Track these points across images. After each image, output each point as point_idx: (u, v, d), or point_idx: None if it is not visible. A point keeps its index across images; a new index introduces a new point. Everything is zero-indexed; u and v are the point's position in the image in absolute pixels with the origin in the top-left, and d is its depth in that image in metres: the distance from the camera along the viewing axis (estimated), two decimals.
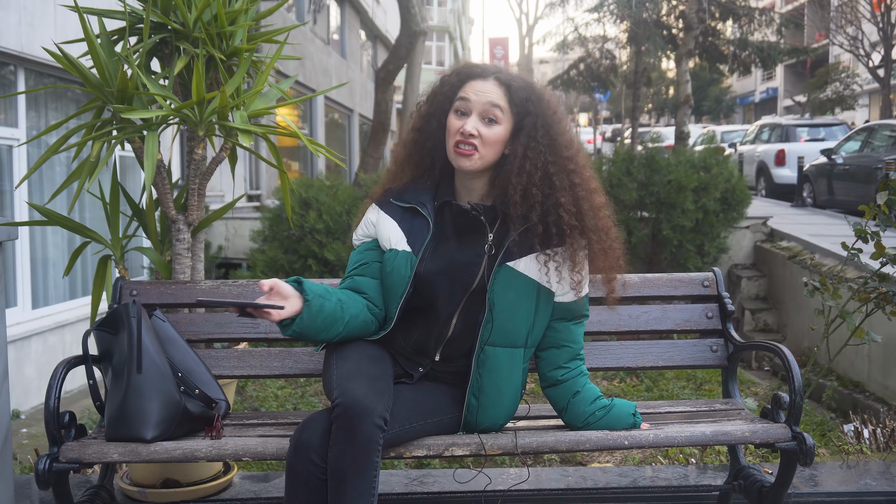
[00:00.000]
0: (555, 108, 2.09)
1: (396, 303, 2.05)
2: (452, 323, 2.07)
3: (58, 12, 6.11)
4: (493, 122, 2.03)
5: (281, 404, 4.98)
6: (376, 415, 1.80)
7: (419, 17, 10.13)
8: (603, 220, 2.08)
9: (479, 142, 2.01)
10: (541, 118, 2.04)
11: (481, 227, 2.07)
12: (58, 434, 1.99)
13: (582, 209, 2.03)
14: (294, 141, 12.48)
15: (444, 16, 34.33)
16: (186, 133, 2.90)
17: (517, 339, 2.06)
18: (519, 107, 2.04)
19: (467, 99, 2.04)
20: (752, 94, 40.51)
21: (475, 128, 2.01)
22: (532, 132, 2.03)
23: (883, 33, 21.36)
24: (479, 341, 2.03)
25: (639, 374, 5.67)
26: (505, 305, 2.02)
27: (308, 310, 1.91)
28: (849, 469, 2.96)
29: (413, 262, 2.04)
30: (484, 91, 2.04)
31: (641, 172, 7.74)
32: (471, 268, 2.05)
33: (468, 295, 2.05)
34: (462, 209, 2.07)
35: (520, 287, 2.03)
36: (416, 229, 2.08)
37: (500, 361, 2.05)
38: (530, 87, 2.07)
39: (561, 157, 2.03)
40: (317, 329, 1.95)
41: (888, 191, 3.82)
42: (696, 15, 13.65)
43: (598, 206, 2.07)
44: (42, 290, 6.25)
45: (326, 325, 1.96)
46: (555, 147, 2.03)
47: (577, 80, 19.31)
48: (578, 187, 2.04)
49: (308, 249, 7.13)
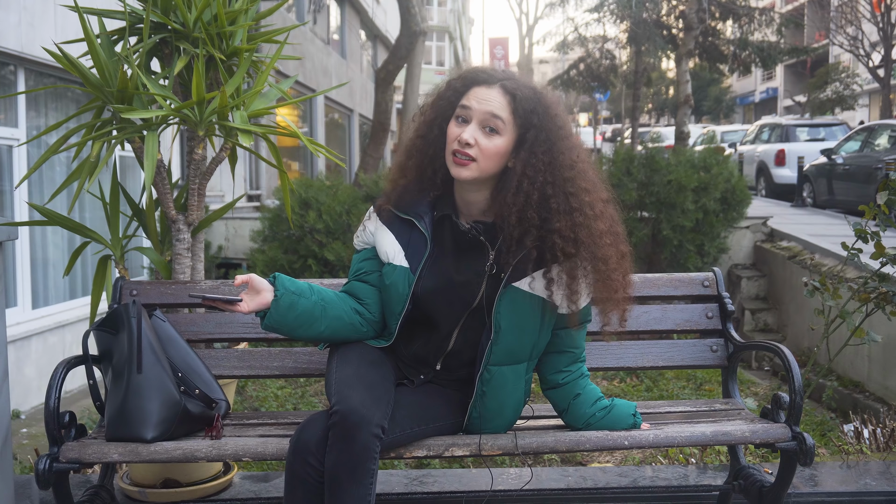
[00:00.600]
0: (562, 123, 1.95)
1: (396, 319, 2.03)
2: (453, 338, 2.05)
3: (58, 12, 6.11)
4: (494, 133, 1.92)
5: (281, 404, 4.98)
6: (373, 423, 1.79)
7: (419, 17, 10.13)
8: (604, 248, 1.92)
9: (477, 152, 1.91)
10: (544, 133, 1.91)
11: (482, 245, 2.00)
12: (58, 434, 1.98)
13: (579, 237, 1.90)
14: (294, 141, 12.48)
15: (444, 16, 34.32)
16: (186, 133, 2.90)
17: (522, 355, 2.03)
18: (523, 118, 1.92)
19: (468, 106, 1.93)
20: (752, 94, 40.51)
21: (473, 137, 1.91)
22: (533, 147, 1.91)
23: (883, 33, 21.36)
24: (483, 363, 1.99)
25: (639, 374, 5.67)
26: (511, 327, 1.97)
27: (276, 305, 1.92)
28: (849, 469, 2.96)
29: (411, 280, 2.00)
30: (486, 99, 1.92)
31: (641, 172, 7.74)
32: (470, 287, 2.00)
33: (468, 312, 2.02)
34: (460, 230, 2.00)
35: (526, 306, 1.97)
36: (414, 243, 2.02)
37: (505, 379, 2.02)
38: (538, 99, 1.94)
39: (561, 178, 1.90)
40: (291, 325, 1.95)
41: (888, 191, 3.82)
42: (696, 15, 13.65)
43: (598, 232, 1.92)
44: (42, 290, 6.25)
45: (302, 323, 1.96)
46: (554, 166, 1.90)
47: (577, 80, 19.32)
48: (577, 212, 1.90)
49: (308, 249, 7.13)
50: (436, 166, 2.01)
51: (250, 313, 1.94)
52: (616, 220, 2.01)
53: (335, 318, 2.00)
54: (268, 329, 1.97)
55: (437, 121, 2.01)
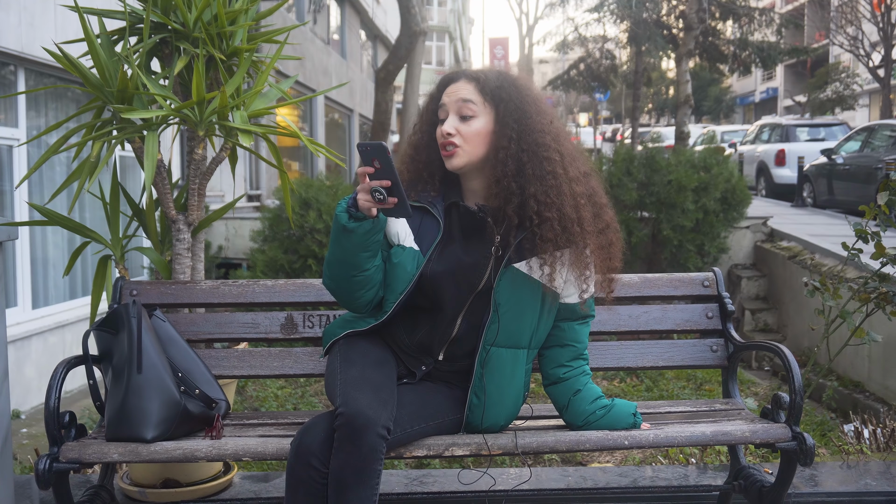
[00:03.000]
0: (531, 93, 2.05)
1: (396, 297, 2.05)
2: (457, 323, 2.06)
3: (58, 12, 6.11)
4: (471, 118, 2.02)
5: (281, 404, 4.98)
6: (380, 425, 1.79)
7: (419, 17, 10.13)
8: (580, 209, 1.99)
9: (459, 139, 2.01)
10: (513, 103, 2.01)
11: (488, 228, 2.05)
12: (58, 434, 1.99)
13: (552, 199, 1.96)
14: (294, 141, 12.48)
15: (444, 16, 34.33)
16: (186, 133, 2.90)
17: (521, 340, 2.05)
18: (492, 95, 2.02)
19: (443, 103, 2.06)
20: (752, 94, 40.51)
21: (453, 127, 2.01)
22: (505, 118, 2.01)
23: (883, 33, 21.35)
24: (482, 341, 2.03)
25: (639, 374, 5.67)
26: (510, 306, 2.02)
27: (376, 222, 1.92)
28: (849, 469, 2.96)
29: (420, 261, 2.03)
30: (455, 91, 2.05)
31: (641, 172, 7.74)
32: (477, 269, 2.04)
33: (474, 296, 2.05)
34: (469, 210, 2.07)
35: (525, 288, 2.02)
36: (426, 228, 2.07)
37: (503, 361, 2.05)
38: (502, 76, 2.06)
39: (534, 143, 1.99)
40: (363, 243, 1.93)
41: (888, 191, 3.82)
42: (696, 15, 13.66)
43: (574, 194, 1.99)
44: (42, 290, 6.25)
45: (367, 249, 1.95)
46: (525, 132, 1.99)
47: (577, 80, 19.34)
48: (550, 175, 1.97)
49: (308, 249, 7.13)
50: (432, 169, 2.10)
51: (370, 208, 1.88)
52: (598, 192, 2.09)
53: (378, 269, 2.02)
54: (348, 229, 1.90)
55: (424, 127, 2.13)
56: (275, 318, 2.47)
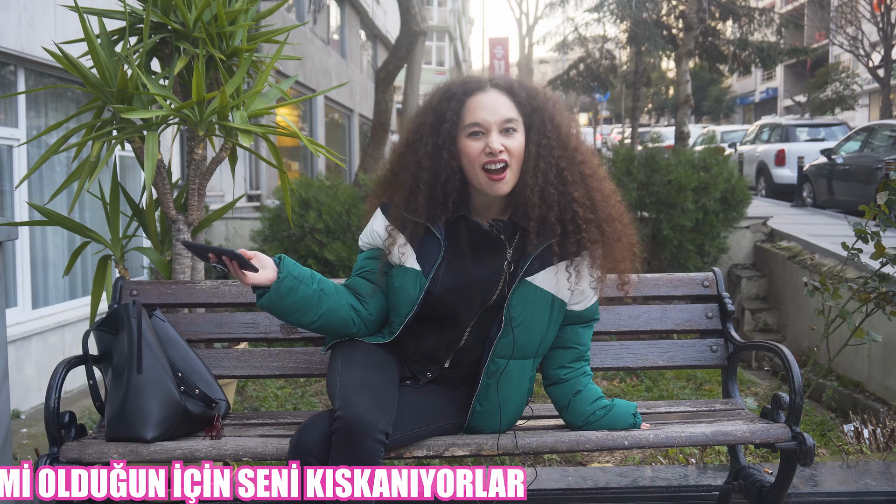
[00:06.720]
0: (552, 97, 2.05)
1: (402, 320, 2.03)
2: (465, 334, 2.06)
3: (58, 12, 6.11)
4: (513, 132, 1.97)
5: (281, 404, 4.98)
6: (378, 430, 1.79)
7: (419, 17, 10.13)
8: (615, 206, 2.05)
9: (508, 156, 1.95)
10: (546, 112, 2.00)
11: (500, 243, 2.02)
12: (58, 434, 1.99)
13: (595, 200, 1.99)
14: (294, 141, 12.48)
15: (444, 16, 34.32)
16: (186, 133, 2.90)
17: (529, 350, 2.04)
18: (525, 106, 2.00)
19: (480, 119, 1.96)
20: (752, 94, 40.51)
21: (500, 143, 1.95)
22: (541, 128, 1.99)
23: (883, 33, 21.35)
24: (492, 353, 2.01)
25: (639, 374, 5.67)
26: (522, 319, 2.00)
27: (277, 286, 1.91)
28: (849, 469, 2.96)
29: (423, 282, 2.00)
30: (494, 104, 1.97)
31: (641, 172, 7.74)
32: (489, 284, 2.02)
33: (483, 310, 2.04)
34: (479, 226, 2.02)
35: (536, 301, 2.01)
36: (427, 247, 2.02)
37: (511, 372, 2.04)
38: (525, 84, 2.04)
39: (570, 150, 2.00)
40: (286, 309, 1.94)
41: (888, 191, 3.82)
42: (696, 15, 13.65)
43: (608, 193, 2.05)
44: (42, 290, 6.25)
45: (297, 309, 1.95)
46: (561, 139, 2.00)
47: (577, 81, 19.34)
48: (589, 178, 2.00)
49: (308, 249, 7.13)
50: (448, 190, 2.00)
51: (250, 285, 1.91)
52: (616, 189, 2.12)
53: (330, 311, 2.00)
54: (262, 308, 1.95)
55: (442, 142, 1.99)
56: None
